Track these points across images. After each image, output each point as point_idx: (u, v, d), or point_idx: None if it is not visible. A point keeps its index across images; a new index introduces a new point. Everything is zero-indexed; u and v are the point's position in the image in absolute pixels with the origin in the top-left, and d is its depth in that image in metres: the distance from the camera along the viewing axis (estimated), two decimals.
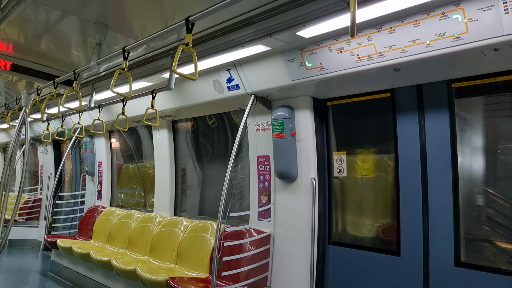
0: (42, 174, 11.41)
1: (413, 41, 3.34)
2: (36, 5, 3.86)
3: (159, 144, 7.39)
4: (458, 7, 3.01)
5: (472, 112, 4.13)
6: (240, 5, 3.00)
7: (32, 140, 11.24)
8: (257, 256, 4.92)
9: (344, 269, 4.81)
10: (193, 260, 5.75)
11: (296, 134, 4.90)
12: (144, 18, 4.18)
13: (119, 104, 5.73)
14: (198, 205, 7.17)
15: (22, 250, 10.23)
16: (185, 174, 7.40)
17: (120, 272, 5.79)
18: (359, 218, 4.88)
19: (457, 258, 3.91)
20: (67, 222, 9.26)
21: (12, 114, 6.73)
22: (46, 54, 5.23)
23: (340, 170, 4.99)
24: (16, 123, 5.69)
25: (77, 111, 6.34)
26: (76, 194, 9.70)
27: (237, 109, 6.06)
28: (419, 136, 4.24)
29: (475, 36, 3.02)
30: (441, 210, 4.03)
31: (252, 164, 5.45)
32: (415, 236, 4.18)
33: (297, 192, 4.91)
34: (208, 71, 5.02)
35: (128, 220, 7.46)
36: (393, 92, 4.48)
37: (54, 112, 5.89)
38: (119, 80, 5.39)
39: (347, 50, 3.78)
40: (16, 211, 5.81)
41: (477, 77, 3.86)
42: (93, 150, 9.17)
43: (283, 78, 4.48)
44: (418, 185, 4.21)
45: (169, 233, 6.40)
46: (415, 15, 3.24)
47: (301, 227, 4.83)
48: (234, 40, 4.14)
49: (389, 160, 4.60)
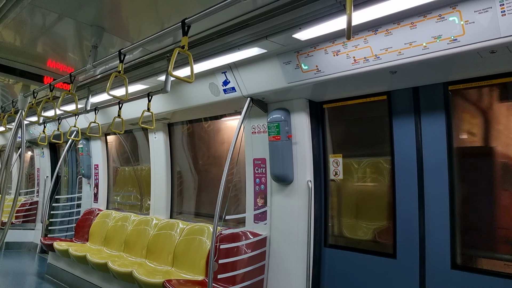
0: (39, 177, 11.39)
1: (410, 44, 3.34)
2: (32, 8, 3.84)
3: (155, 146, 7.37)
4: (455, 9, 3.01)
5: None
6: (236, 8, 3.00)
7: (28, 143, 11.21)
8: (253, 259, 4.91)
9: (340, 272, 4.80)
10: (189, 263, 5.74)
11: (292, 136, 4.90)
12: (140, 21, 4.17)
13: (115, 107, 5.72)
14: (194, 208, 7.16)
15: (19, 253, 10.20)
16: (181, 177, 7.39)
17: (116, 274, 5.77)
18: (355, 220, 4.87)
19: (453, 261, 3.90)
20: (64, 225, 9.24)
21: (8, 117, 6.72)
22: (42, 57, 5.21)
23: (336, 172, 4.98)
24: (13, 126, 5.67)
25: (73, 114, 6.33)
26: (72, 197, 9.68)
27: (233, 111, 6.05)
28: (415, 138, 4.23)
29: (472, 38, 3.03)
30: (437, 212, 4.02)
31: (248, 167, 5.44)
32: (411, 238, 4.17)
33: (293, 194, 4.90)
34: (204, 73, 5.02)
35: (125, 222, 7.44)
36: (389, 94, 4.48)
37: (51, 115, 5.87)
38: (115, 83, 5.33)
39: (343, 53, 3.78)
40: (13, 213, 5.78)
41: (474, 79, 3.87)
42: (89, 153, 9.15)
43: (279, 80, 4.48)
44: (414, 188, 4.20)
45: (165, 236, 6.38)
46: (411, 17, 3.24)
47: (297, 229, 4.82)
48: (230, 43, 4.14)
49: (385, 162, 4.59)
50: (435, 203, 4.05)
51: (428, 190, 4.11)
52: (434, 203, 4.06)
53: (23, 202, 11.26)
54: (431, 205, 4.08)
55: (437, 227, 4.01)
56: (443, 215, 3.98)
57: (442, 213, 3.99)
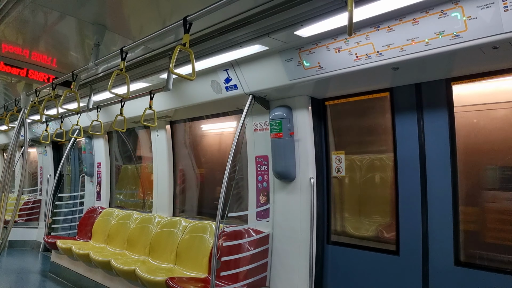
0: (42, 175, 11.41)
1: (412, 40, 3.33)
2: (34, 6, 3.86)
3: (157, 144, 7.38)
4: (457, 5, 3.00)
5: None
6: (237, 5, 3.00)
7: (31, 141, 11.23)
8: (256, 256, 4.91)
9: (343, 268, 4.80)
10: (192, 260, 5.75)
11: (294, 134, 4.89)
12: (141, 19, 4.17)
13: (117, 105, 5.72)
14: (197, 206, 7.17)
15: (22, 251, 10.23)
16: (183, 175, 7.40)
17: (119, 272, 5.78)
18: (358, 217, 4.87)
19: (457, 258, 3.90)
20: (67, 223, 9.26)
21: (11, 115, 6.73)
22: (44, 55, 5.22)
23: (339, 169, 4.98)
24: (15, 125, 5.68)
25: (75, 112, 6.33)
26: (75, 195, 9.70)
27: (235, 109, 6.05)
28: (418, 135, 4.22)
29: (474, 34, 3.01)
30: (440, 209, 4.01)
31: (251, 164, 5.44)
32: (414, 235, 4.17)
33: (295, 192, 4.90)
34: (206, 71, 5.01)
35: (127, 220, 7.46)
36: (391, 91, 4.47)
37: (53, 113, 5.88)
38: (117, 81, 5.38)
39: (345, 49, 3.77)
40: (16, 212, 5.80)
41: (476, 75, 3.86)
42: (91, 151, 9.16)
43: (281, 78, 4.47)
44: (417, 184, 4.20)
45: (168, 234, 6.39)
46: (413, 13, 3.23)
47: (299, 227, 4.82)
48: (232, 40, 4.13)
49: (387, 159, 4.59)
50: (438, 200, 4.04)
51: (431, 187, 4.11)
52: (437, 200, 4.05)
53: (26, 200, 11.29)
54: (434, 201, 4.08)
55: (440, 224, 4.00)
56: (446, 212, 3.97)
57: (445, 209, 3.98)
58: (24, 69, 5.22)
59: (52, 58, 5.21)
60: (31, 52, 5.10)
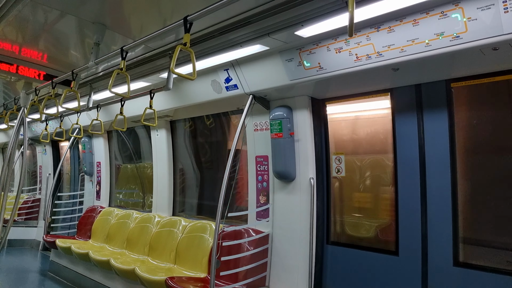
0: (41, 174, 11.40)
1: (412, 41, 3.33)
2: (34, 5, 3.85)
3: (157, 144, 7.38)
4: (458, 6, 3.00)
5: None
6: (238, 5, 3.00)
7: (30, 140, 11.22)
8: (256, 256, 4.91)
9: (342, 269, 4.80)
10: (191, 260, 5.75)
11: (295, 134, 4.89)
12: (142, 18, 4.17)
13: (117, 104, 5.72)
14: (196, 205, 7.17)
15: (21, 250, 10.22)
16: (183, 174, 7.40)
17: (119, 272, 5.79)
18: (357, 218, 4.87)
19: (456, 258, 3.90)
20: (66, 222, 9.27)
21: (10, 114, 6.72)
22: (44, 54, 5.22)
23: (339, 170, 4.98)
24: (15, 123, 5.67)
25: (75, 111, 6.33)
26: (74, 194, 9.69)
27: (235, 109, 6.05)
28: (417, 136, 4.22)
29: (475, 35, 3.02)
30: (439, 210, 4.01)
31: (251, 164, 5.44)
32: (413, 236, 4.17)
33: (295, 192, 4.90)
34: (206, 71, 5.01)
35: (127, 220, 7.46)
36: (392, 91, 4.47)
37: (53, 112, 5.88)
38: (117, 80, 5.38)
39: (346, 50, 3.78)
40: (15, 211, 5.79)
41: (476, 76, 3.85)
42: (91, 151, 9.16)
43: (281, 78, 4.47)
44: (416, 185, 4.20)
45: (167, 233, 6.39)
46: (414, 14, 3.23)
47: (299, 227, 4.82)
48: (232, 40, 4.13)
49: (387, 160, 4.59)
50: (437, 200, 4.05)
51: (431, 187, 4.11)
52: (436, 200, 4.05)
53: (25, 199, 11.27)
54: (433, 202, 4.08)
55: (439, 224, 4.01)
56: (445, 212, 3.97)
57: (444, 210, 3.98)
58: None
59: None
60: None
